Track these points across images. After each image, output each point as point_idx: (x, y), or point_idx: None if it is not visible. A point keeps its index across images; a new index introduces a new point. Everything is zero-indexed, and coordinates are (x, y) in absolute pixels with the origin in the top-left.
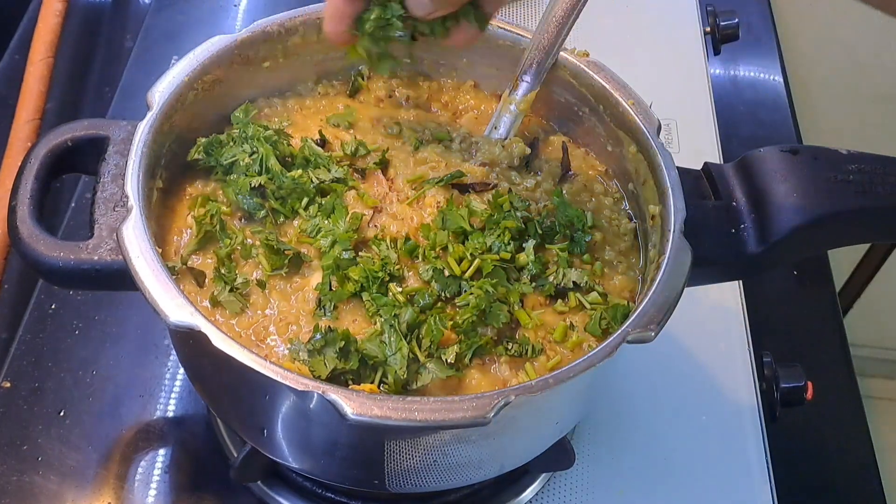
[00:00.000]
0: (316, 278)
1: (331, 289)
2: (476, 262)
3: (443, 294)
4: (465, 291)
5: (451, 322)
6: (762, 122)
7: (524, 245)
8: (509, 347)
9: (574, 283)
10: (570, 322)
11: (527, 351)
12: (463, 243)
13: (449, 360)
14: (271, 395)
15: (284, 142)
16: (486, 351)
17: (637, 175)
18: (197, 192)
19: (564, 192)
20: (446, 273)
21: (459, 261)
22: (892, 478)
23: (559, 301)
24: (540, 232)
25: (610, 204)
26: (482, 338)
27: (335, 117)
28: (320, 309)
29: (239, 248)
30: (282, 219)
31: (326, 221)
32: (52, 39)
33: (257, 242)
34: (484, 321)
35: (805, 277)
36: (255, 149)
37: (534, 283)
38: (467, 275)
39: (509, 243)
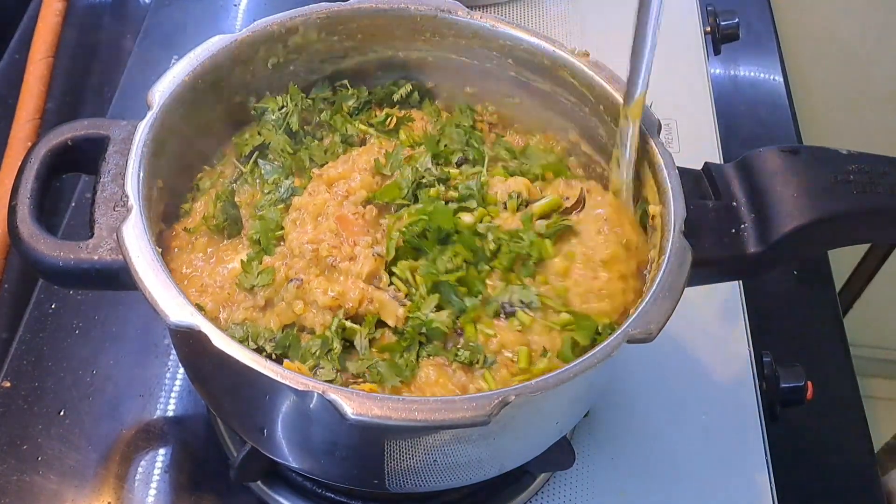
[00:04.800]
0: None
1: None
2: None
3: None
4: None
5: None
6: (762, 122)
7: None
8: (459, 354)
9: (521, 301)
10: (543, 347)
11: (479, 360)
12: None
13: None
14: (271, 394)
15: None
16: (437, 351)
17: (637, 175)
18: (241, 141)
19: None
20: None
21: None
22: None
23: (511, 320)
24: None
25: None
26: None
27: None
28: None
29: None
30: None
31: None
32: (52, 39)
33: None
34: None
35: (805, 277)
36: (284, 104)
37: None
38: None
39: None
